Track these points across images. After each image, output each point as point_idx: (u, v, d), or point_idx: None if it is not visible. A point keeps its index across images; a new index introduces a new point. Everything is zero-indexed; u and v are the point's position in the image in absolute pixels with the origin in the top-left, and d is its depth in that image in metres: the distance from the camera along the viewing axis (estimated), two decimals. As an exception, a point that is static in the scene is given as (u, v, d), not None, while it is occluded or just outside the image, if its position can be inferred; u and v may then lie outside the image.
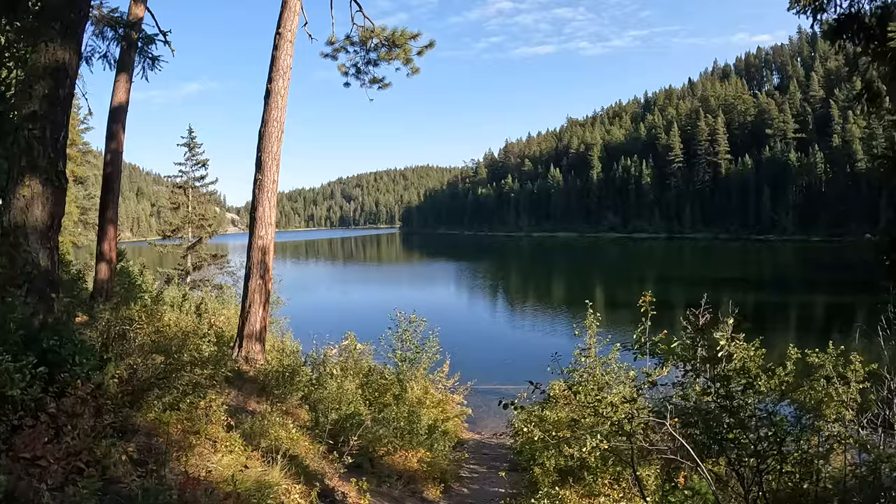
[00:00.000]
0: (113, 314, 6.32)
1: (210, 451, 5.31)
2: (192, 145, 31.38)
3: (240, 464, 5.22)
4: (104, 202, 13.50)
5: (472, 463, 11.19)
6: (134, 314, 6.31)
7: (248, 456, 5.57)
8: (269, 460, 5.53)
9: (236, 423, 6.62)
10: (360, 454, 7.68)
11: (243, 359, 13.07)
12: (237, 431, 6.03)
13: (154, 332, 6.46)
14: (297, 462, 6.04)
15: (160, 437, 4.88)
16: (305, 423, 8.79)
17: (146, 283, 20.04)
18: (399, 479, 7.76)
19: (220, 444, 5.54)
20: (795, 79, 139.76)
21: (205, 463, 4.97)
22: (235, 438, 5.78)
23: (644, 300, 5.74)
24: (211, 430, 5.64)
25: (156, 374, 5.48)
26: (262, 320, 13.46)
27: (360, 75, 18.34)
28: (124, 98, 14.07)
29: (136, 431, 4.80)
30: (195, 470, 4.73)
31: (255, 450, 5.76)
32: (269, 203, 13.87)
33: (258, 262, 13.52)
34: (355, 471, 7.24)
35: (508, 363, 26.25)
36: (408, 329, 14.66)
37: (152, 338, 6.29)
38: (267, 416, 7.05)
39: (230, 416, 7.34)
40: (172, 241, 31.10)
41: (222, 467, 4.94)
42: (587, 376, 10.36)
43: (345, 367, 12.40)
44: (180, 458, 4.79)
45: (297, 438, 7.03)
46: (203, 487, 4.22)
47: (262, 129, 14.34)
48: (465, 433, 14.72)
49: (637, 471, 7.23)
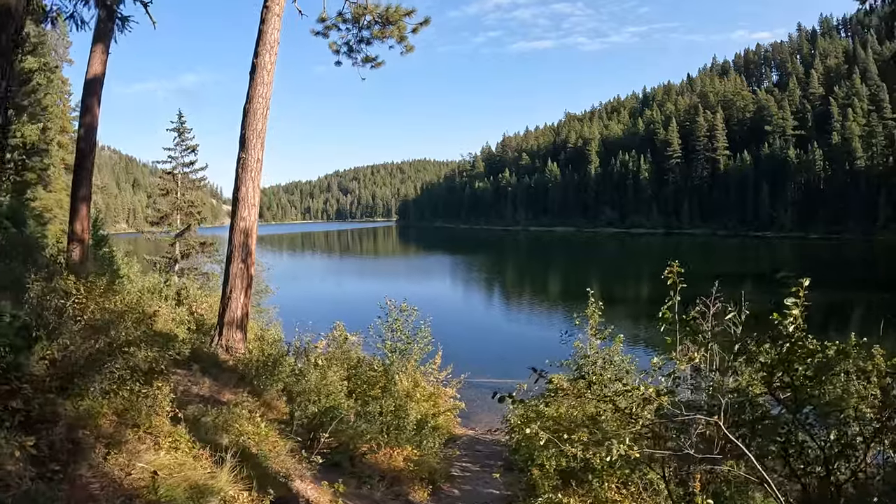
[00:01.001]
0: (46, 286, 5.52)
1: (147, 448, 4.56)
2: (181, 130, 30.57)
3: (178, 463, 4.43)
4: (77, 180, 12.70)
5: (464, 460, 10.45)
6: (71, 286, 5.52)
7: (195, 454, 4.80)
8: (219, 459, 4.74)
9: (199, 415, 5.88)
10: (339, 452, 6.95)
11: (223, 347, 12.33)
12: (184, 425, 5.23)
13: (100, 308, 5.69)
14: (258, 461, 5.31)
15: (88, 430, 4.13)
16: (283, 416, 8.05)
17: (130, 270, 19.21)
18: (382, 479, 7.00)
19: (163, 439, 4.78)
20: (795, 76, 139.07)
21: (134, 462, 4.20)
22: (181, 433, 4.99)
23: (671, 271, 4.91)
24: (155, 423, 4.88)
25: (92, 356, 4.72)
26: (244, 307, 12.70)
27: (353, 54, 17.53)
28: (100, 70, 13.24)
29: (57, 422, 4.03)
30: (120, 471, 3.97)
31: (204, 447, 4.97)
32: (253, 183, 13.09)
33: (240, 244, 12.75)
34: (333, 470, 6.51)
35: (504, 357, 25.57)
36: (398, 318, 13.89)
37: (98, 315, 5.51)
38: (232, 408, 6.29)
39: (198, 407, 6.60)
40: (161, 228, 30.32)
41: (155, 468, 4.17)
42: (601, 364, 9.68)
43: (330, 358, 11.63)
44: (108, 455, 4.05)
45: (265, 434, 6.28)
46: (114, 494, 3.48)
47: (246, 106, 13.57)
48: (457, 428, 13.99)
49: (647, 475, 6.52)
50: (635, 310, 38.98)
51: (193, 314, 14.46)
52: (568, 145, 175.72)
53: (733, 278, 50.36)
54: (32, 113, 29.29)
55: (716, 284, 6.38)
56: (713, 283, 6.39)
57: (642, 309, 37.58)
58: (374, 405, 9.12)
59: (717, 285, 6.34)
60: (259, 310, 21.54)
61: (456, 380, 14.43)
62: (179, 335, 12.42)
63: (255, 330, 14.83)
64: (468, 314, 42.47)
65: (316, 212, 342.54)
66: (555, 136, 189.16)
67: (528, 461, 7.97)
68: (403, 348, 13.54)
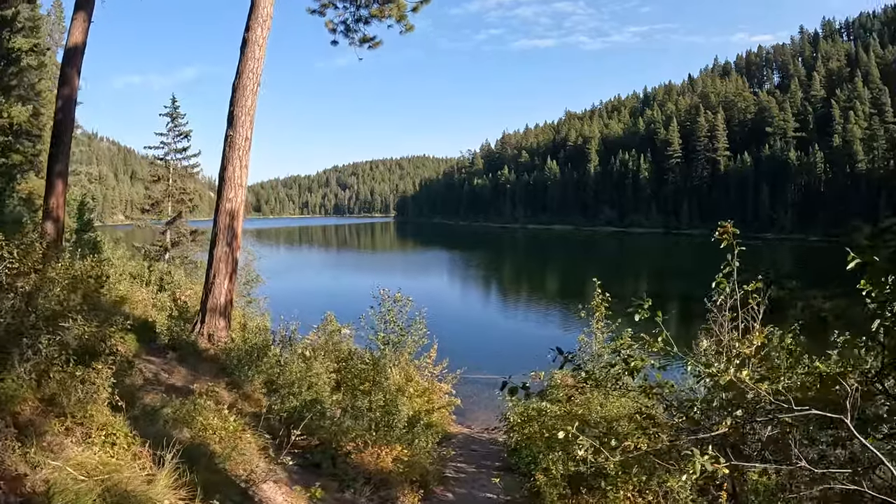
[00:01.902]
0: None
1: (77, 442, 3.84)
2: (174, 115, 29.75)
3: (104, 462, 3.68)
4: (53, 154, 11.91)
5: (459, 461, 9.75)
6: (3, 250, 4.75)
7: (135, 452, 4.07)
8: (160, 458, 4.00)
9: (159, 406, 5.15)
10: (319, 451, 6.23)
11: (205, 336, 11.61)
12: (124, 417, 4.46)
13: (41, 278, 4.94)
14: (216, 462, 4.59)
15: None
16: (261, 410, 7.33)
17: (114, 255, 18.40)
18: (367, 482, 6.25)
19: (96, 432, 4.05)
20: (797, 78, 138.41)
21: (45, 460, 3.46)
22: (119, 426, 4.24)
23: (725, 231, 4.31)
24: (92, 413, 4.14)
25: (16, 329, 3.99)
26: (228, 293, 11.97)
27: (350, 33, 16.80)
28: (81, 39, 12.45)
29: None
30: (27, 467, 3.24)
31: (145, 443, 4.23)
32: (241, 162, 12.35)
33: (225, 227, 12.02)
34: (312, 472, 5.81)
35: (500, 353, 24.90)
36: (392, 309, 13.17)
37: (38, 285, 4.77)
38: (197, 399, 5.57)
39: (161, 396, 5.89)
40: (152, 216, 29.52)
41: (74, 466, 3.43)
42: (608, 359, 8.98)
43: (317, 349, 10.91)
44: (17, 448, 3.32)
45: (234, 429, 5.55)
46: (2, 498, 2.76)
47: (235, 82, 12.84)
48: (452, 426, 13.30)
49: (666, 482, 5.82)
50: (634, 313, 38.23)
51: (177, 301, 13.72)
52: (568, 143, 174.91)
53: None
54: (24, 97, 28.49)
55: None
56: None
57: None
58: (363, 400, 8.39)
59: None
60: (249, 299, 20.81)
61: (452, 375, 13.72)
62: (158, 322, 11.73)
63: (241, 319, 14.09)
64: (464, 310, 41.86)
65: (314, 206, 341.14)
66: (555, 134, 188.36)
67: (530, 464, 7.24)
68: (397, 340, 12.84)
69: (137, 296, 13.07)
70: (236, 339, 11.13)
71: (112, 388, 4.38)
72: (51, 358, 4.11)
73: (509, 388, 3.54)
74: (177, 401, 5.51)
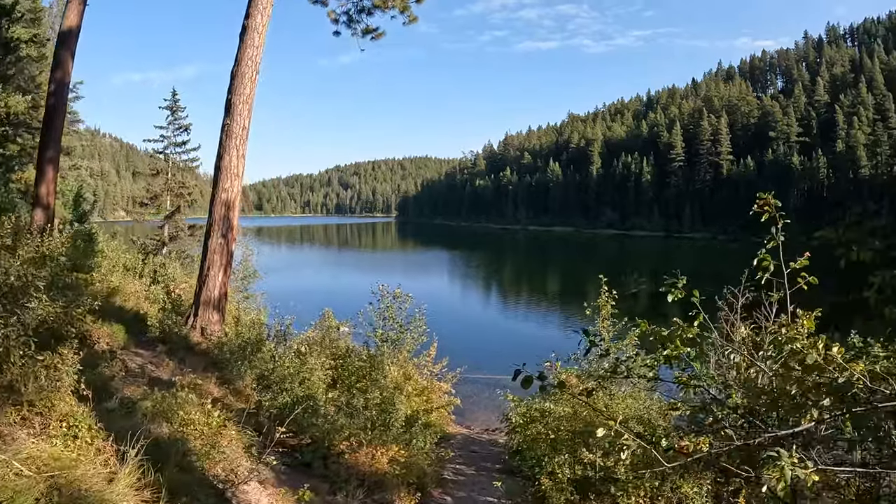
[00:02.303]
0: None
1: (35, 434, 3.48)
2: (174, 108, 29.39)
3: (55, 458, 3.32)
4: (44, 140, 11.60)
5: (458, 462, 9.39)
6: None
7: (99, 447, 3.71)
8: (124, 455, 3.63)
9: (138, 399, 4.79)
10: (310, 450, 5.87)
11: (198, 329, 11.27)
12: (90, 406, 4.09)
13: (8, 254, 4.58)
14: (191, 460, 4.23)
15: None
16: (251, 407, 6.97)
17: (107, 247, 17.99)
18: (361, 484, 5.89)
19: (56, 423, 3.68)
20: (801, 83, 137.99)
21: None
22: (83, 418, 3.87)
23: (766, 202, 3.91)
24: (54, 402, 3.79)
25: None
26: (222, 286, 11.63)
27: (352, 24, 16.49)
28: (76, 22, 12.13)
29: None
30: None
31: (111, 438, 3.86)
32: (238, 152, 12.00)
33: (220, 217, 11.67)
34: (301, 471, 5.45)
35: (500, 353, 24.46)
36: (391, 305, 12.80)
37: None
38: (178, 392, 5.21)
39: (142, 389, 5.53)
40: (150, 209, 29.15)
41: (20, 462, 3.06)
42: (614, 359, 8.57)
43: (313, 344, 10.55)
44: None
45: (217, 425, 5.19)
46: None
47: (234, 70, 12.50)
48: (451, 426, 12.92)
49: (680, 488, 5.45)
50: (635, 312, 37.96)
51: (171, 294, 13.37)
52: (570, 145, 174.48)
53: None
54: (24, 88, 28.17)
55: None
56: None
57: (642, 312, 36.56)
58: (359, 398, 8.01)
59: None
60: (246, 294, 20.43)
61: (451, 374, 13.34)
62: (150, 314, 11.38)
63: (235, 313, 13.72)
64: (463, 310, 41.49)
65: (315, 205, 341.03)
66: (557, 136, 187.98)
67: (535, 467, 6.87)
68: (396, 338, 12.46)
69: (130, 287, 12.73)
70: (230, 333, 10.77)
71: (78, 376, 4.03)
72: (9, 338, 3.76)
73: (523, 377, 3.12)
74: (158, 394, 5.16)
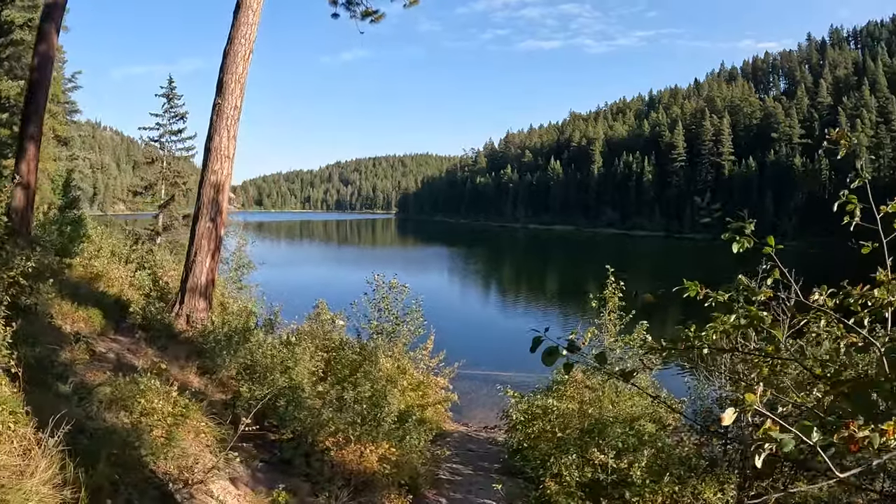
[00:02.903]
0: None
1: None
2: (170, 96, 28.87)
3: None
4: (26, 115, 11.05)
5: (454, 461, 8.86)
6: None
7: (23, 435, 3.16)
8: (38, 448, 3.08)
9: (95, 384, 4.26)
10: (292, 445, 5.34)
11: (184, 317, 10.73)
12: (20, 386, 3.55)
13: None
14: (144, 453, 3.70)
15: None
16: (227, 397, 6.43)
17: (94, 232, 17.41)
18: (347, 484, 5.35)
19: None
20: (804, 84, 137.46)
21: None
22: (6, 399, 3.33)
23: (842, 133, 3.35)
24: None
25: None
26: (210, 272, 11.08)
27: (352, 6, 15.99)
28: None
29: None
30: None
31: (42, 427, 3.31)
32: (229, 133, 11.46)
33: (210, 200, 11.13)
34: (280, 469, 4.93)
35: (499, 350, 24.01)
36: (387, 296, 12.27)
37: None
38: (139, 378, 4.67)
39: (106, 375, 5.00)
40: (145, 198, 28.63)
41: None
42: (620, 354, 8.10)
43: (302, 334, 10.01)
44: None
45: (185, 415, 4.65)
46: None
47: (227, 48, 11.97)
48: (447, 423, 12.38)
49: (701, 493, 4.92)
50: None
51: (158, 281, 12.85)
52: (572, 144, 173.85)
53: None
54: (20, 75, 27.67)
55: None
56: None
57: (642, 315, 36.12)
58: (349, 391, 7.46)
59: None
60: (240, 285, 19.90)
61: (449, 368, 12.80)
62: (134, 301, 10.86)
63: (222, 300, 13.15)
64: (462, 306, 41.10)
65: (316, 201, 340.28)
66: (559, 135, 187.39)
67: (539, 468, 6.31)
68: (391, 330, 11.94)
69: (114, 273, 12.20)
70: (216, 321, 10.24)
71: (9, 352, 3.50)
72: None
73: (546, 348, 2.42)
74: (121, 380, 4.64)
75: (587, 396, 8.38)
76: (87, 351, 6.13)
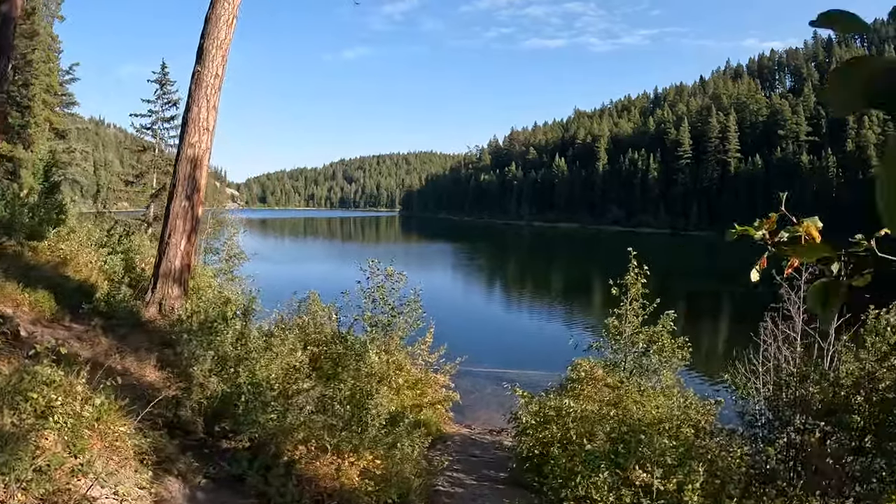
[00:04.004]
0: None
1: None
2: (163, 82, 27.84)
3: None
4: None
5: (455, 469, 7.77)
6: None
7: None
8: None
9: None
10: (246, 456, 4.28)
11: (156, 304, 9.68)
12: None
13: None
14: None
15: None
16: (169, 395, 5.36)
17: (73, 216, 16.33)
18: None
19: None
20: (810, 81, 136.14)
21: None
22: None
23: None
24: None
25: None
26: (185, 256, 10.01)
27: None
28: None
29: None
30: None
31: None
32: (208, 103, 10.38)
33: (186, 176, 10.05)
34: (231, 487, 3.87)
35: (503, 348, 22.95)
36: (382, 285, 11.20)
37: None
38: (32, 368, 3.61)
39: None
40: (136, 188, 27.60)
41: None
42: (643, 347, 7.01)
43: (286, 328, 8.93)
44: None
45: (94, 416, 3.59)
46: None
47: (209, 13, 10.89)
48: (448, 425, 11.29)
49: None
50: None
51: (134, 268, 11.82)
52: (576, 141, 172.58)
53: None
54: (14, 66, 26.78)
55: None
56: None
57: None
58: (331, 389, 6.37)
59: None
60: (231, 277, 18.90)
61: (450, 364, 11.72)
62: (101, 287, 9.82)
63: (204, 289, 12.07)
64: (465, 303, 40.15)
65: (320, 199, 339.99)
66: (563, 132, 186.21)
67: (560, 487, 5.15)
68: (387, 322, 10.87)
69: (84, 258, 11.14)
70: (190, 309, 9.16)
71: None
72: None
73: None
74: (12, 371, 3.60)
75: (607, 396, 7.31)
76: (8, 337, 5.08)
